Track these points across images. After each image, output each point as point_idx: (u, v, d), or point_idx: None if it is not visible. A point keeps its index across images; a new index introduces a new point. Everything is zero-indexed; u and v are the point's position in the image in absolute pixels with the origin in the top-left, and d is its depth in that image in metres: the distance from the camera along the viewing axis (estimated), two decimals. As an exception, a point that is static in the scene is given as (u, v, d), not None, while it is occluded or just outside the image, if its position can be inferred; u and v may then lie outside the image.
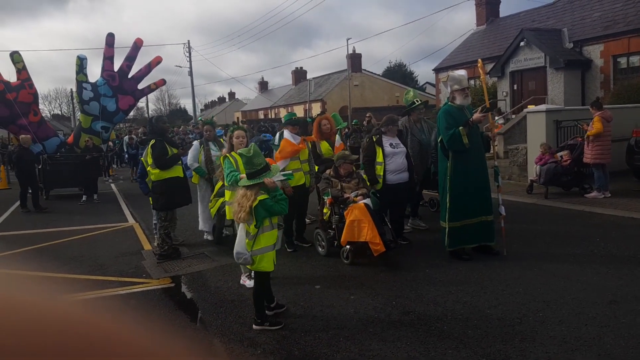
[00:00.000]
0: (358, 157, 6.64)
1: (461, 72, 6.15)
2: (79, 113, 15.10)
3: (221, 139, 8.10)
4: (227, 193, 5.65)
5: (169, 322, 4.54)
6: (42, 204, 11.87)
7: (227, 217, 5.90)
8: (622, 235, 6.67)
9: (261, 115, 47.30)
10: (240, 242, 4.28)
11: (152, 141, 6.73)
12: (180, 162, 6.96)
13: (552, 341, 3.68)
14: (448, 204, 5.88)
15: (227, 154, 5.67)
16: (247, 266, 4.53)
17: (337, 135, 7.70)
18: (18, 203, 11.73)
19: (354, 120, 11.13)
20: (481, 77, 6.54)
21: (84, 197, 12.63)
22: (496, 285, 4.98)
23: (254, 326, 4.31)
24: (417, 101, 7.54)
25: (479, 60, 6.92)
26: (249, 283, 5.16)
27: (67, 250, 7.56)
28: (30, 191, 11.68)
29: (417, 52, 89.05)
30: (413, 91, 8.00)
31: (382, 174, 6.57)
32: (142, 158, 7.46)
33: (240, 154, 4.57)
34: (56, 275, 6.16)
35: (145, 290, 5.56)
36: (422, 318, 4.28)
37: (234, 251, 4.34)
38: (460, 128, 5.67)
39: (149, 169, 6.81)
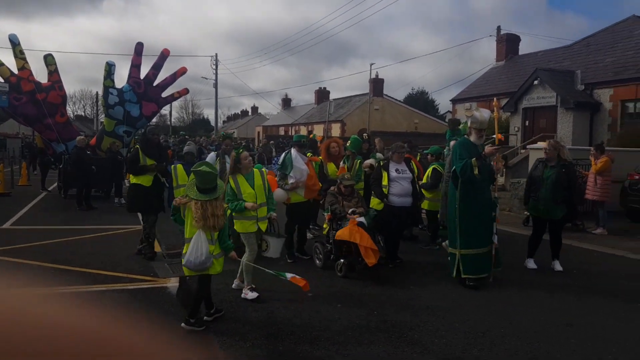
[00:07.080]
0: (353, 182, 7.25)
1: (485, 115, 6.32)
2: (104, 116, 15.81)
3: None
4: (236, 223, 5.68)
5: (170, 317, 5.03)
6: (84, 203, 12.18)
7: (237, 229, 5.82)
8: (599, 271, 7.10)
9: (282, 132, 47.37)
10: (205, 250, 4.50)
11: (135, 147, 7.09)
12: (154, 173, 7.31)
13: (506, 353, 4.15)
14: (459, 232, 6.15)
15: (230, 177, 5.63)
16: (208, 271, 4.67)
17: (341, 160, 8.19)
18: (38, 199, 12.31)
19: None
20: (494, 114, 6.75)
21: (116, 199, 13.10)
22: (470, 304, 5.45)
23: (182, 324, 4.62)
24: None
25: (495, 99, 7.17)
26: (251, 295, 5.53)
27: (83, 246, 8.10)
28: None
29: (442, 80, 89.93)
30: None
31: None
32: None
33: (195, 171, 4.68)
34: (71, 268, 6.69)
35: (151, 287, 6.07)
36: (397, 326, 4.76)
37: (196, 262, 4.48)
38: (473, 159, 6.01)
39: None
